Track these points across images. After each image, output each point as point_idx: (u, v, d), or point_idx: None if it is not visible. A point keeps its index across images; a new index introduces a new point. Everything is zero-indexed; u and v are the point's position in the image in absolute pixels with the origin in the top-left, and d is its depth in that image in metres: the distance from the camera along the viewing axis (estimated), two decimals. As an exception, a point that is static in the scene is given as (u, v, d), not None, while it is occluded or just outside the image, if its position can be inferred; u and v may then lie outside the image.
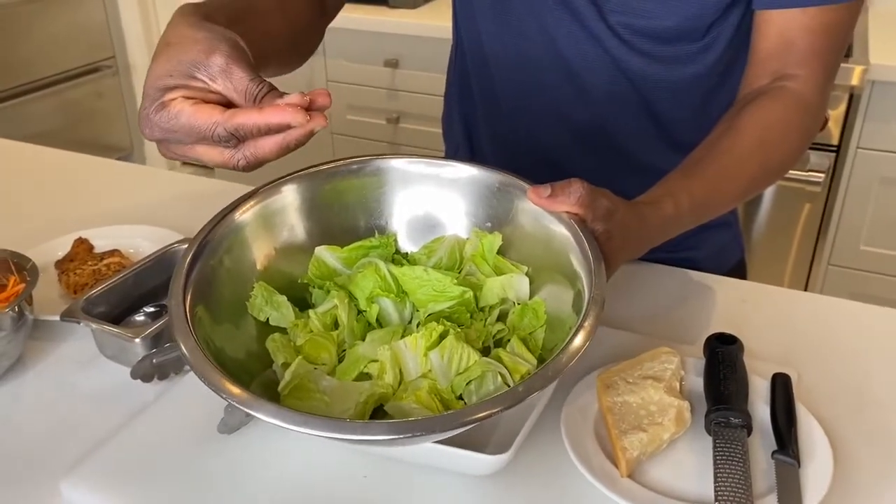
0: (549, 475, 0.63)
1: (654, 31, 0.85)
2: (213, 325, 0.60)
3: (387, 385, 0.60)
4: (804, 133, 0.82)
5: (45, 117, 2.77)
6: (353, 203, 0.72)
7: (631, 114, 0.91)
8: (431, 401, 0.59)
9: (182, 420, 0.69)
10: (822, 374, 0.75)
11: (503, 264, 0.69)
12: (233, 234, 0.66)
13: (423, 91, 2.37)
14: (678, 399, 0.66)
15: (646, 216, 0.68)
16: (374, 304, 0.66)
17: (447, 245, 0.71)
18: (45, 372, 0.77)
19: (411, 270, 0.67)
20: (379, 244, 0.71)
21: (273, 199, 0.68)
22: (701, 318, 0.84)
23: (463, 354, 0.60)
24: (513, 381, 0.60)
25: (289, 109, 0.56)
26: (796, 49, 0.79)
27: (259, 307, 0.65)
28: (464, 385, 0.60)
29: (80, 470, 0.63)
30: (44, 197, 1.14)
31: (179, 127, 0.57)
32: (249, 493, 0.62)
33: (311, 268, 0.70)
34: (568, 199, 0.63)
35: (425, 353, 0.61)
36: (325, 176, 0.71)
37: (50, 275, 0.88)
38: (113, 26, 3.00)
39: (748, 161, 0.77)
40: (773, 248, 2.16)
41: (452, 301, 0.66)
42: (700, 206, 0.74)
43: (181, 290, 0.59)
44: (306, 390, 0.59)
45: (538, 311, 0.65)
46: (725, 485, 0.59)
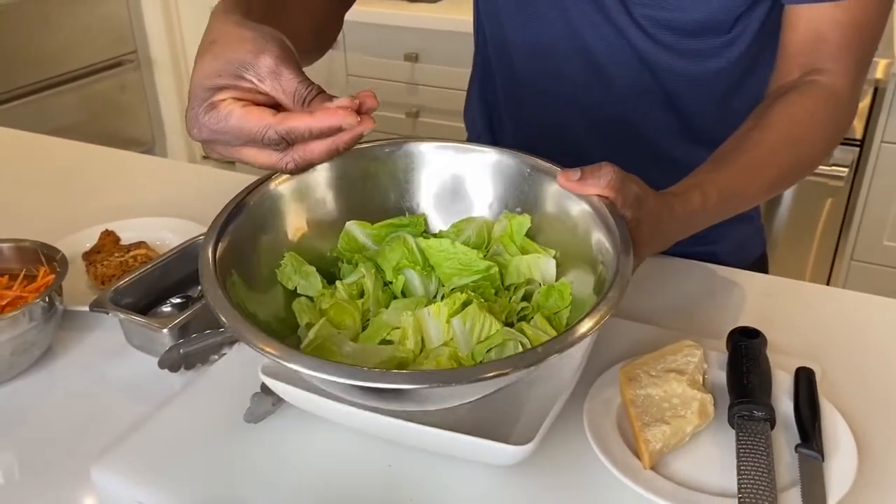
0: (571, 467, 0.63)
1: (679, 24, 0.84)
2: (246, 290, 0.61)
3: (408, 350, 0.61)
4: (835, 128, 0.81)
5: (69, 111, 2.80)
6: (384, 183, 0.73)
7: (653, 106, 0.91)
8: (451, 366, 0.59)
9: (208, 409, 0.70)
10: (847, 368, 0.74)
11: (531, 246, 0.69)
12: (266, 203, 0.66)
13: (443, 85, 2.38)
14: (701, 392, 0.66)
15: (674, 207, 0.68)
16: (401, 276, 0.67)
17: (476, 225, 0.71)
18: (75, 361, 0.78)
19: (438, 243, 0.68)
20: (409, 223, 0.71)
21: (307, 173, 0.68)
22: (724, 312, 0.84)
23: (485, 323, 0.61)
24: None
25: (340, 112, 0.56)
26: (827, 44, 0.78)
27: (288, 276, 0.66)
28: (484, 353, 0.60)
29: (110, 457, 0.64)
30: (70, 190, 1.15)
31: (229, 129, 0.57)
32: (274, 482, 0.62)
33: (341, 241, 0.71)
34: (598, 182, 0.63)
35: (448, 321, 0.61)
36: (358, 155, 0.71)
37: (77, 266, 0.89)
38: (135, 21, 3.03)
39: (778, 155, 0.76)
40: (796, 244, 2.14)
41: (478, 275, 0.66)
42: (728, 200, 0.73)
43: (212, 248, 0.59)
44: (328, 351, 0.60)
45: (564, 293, 0.65)
46: (748, 478, 0.59)
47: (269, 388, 0.65)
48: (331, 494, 0.61)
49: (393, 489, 0.62)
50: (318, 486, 0.62)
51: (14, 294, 0.78)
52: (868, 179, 1.99)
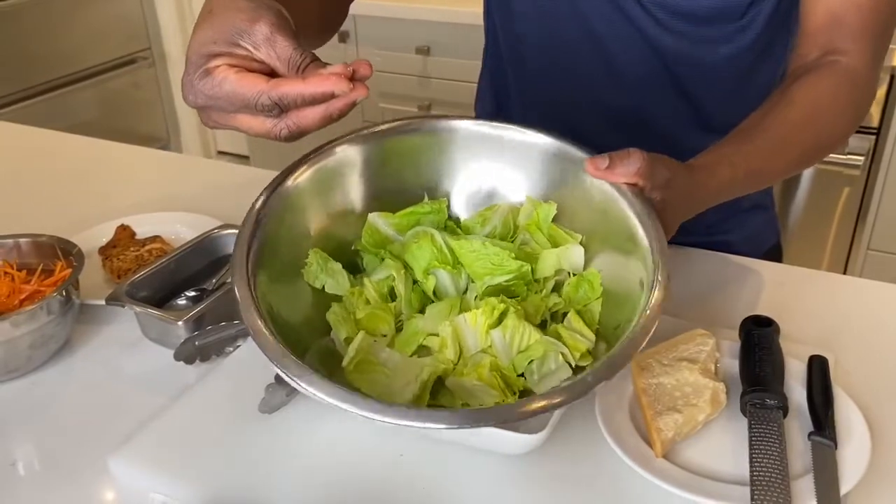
0: (583, 455, 0.63)
1: (689, 11, 0.84)
2: (273, 290, 0.61)
3: (447, 360, 0.61)
4: (855, 108, 0.81)
5: (84, 109, 2.82)
6: (406, 164, 0.72)
7: (666, 96, 0.91)
8: (493, 378, 0.59)
9: (224, 400, 0.70)
10: (860, 357, 0.74)
11: (557, 233, 0.68)
12: (289, 198, 0.66)
13: (454, 78, 2.37)
14: (713, 381, 0.66)
15: (702, 181, 0.68)
16: (431, 276, 0.67)
17: (501, 213, 0.70)
18: (92, 354, 0.79)
19: (469, 243, 0.67)
20: (430, 210, 0.71)
21: (327, 160, 0.68)
22: (737, 301, 0.83)
23: (524, 333, 0.61)
24: (573, 358, 0.61)
25: (332, 78, 0.56)
26: (846, 25, 0.78)
27: (315, 274, 0.66)
28: (525, 363, 0.61)
29: (127, 448, 0.65)
30: (86, 185, 1.16)
31: (223, 94, 0.57)
32: (289, 471, 0.63)
33: (365, 235, 0.70)
34: (627, 169, 0.63)
35: (486, 331, 0.61)
36: (379, 136, 0.70)
37: (94, 260, 0.90)
38: (149, 18, 3.05)
39: (800, 133, 0.76)
40: (812, 233, 2.13)
41: (510, 275, 0.66)
42: (754, 174, 0.73)
43: (244, 259, 0.59)
44: (369, 363, 0.60)
45: (594, 283, 0.65)
46: (761, 466, 0.59)
47: (283, 379, 0.66)
48: (344, 483, 0.62)
49: (405, 478, 0.62)
50: (331, 474, 0.63)
51: (32, 288, 0.79)
52: (885, 168, 1.97)
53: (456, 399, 0.60)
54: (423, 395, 0.59)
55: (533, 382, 0.61)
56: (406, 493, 0.61)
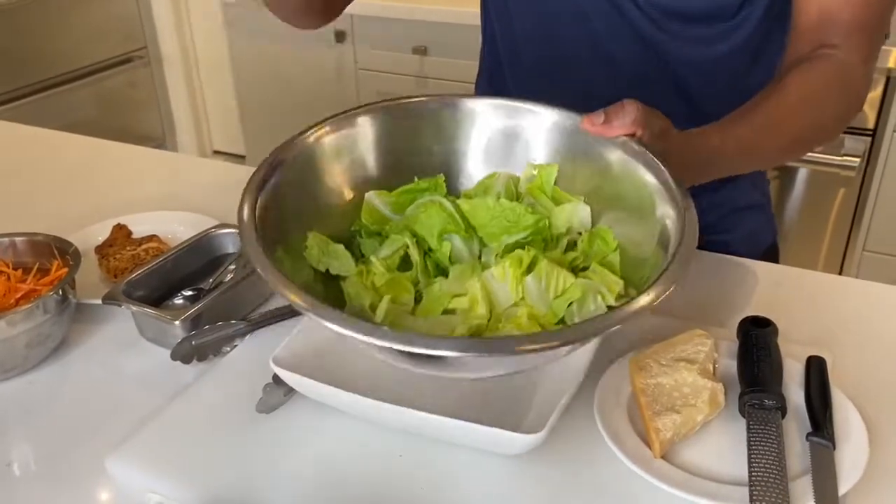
0: (582, 455, 0.63)
1: (683, 11, 0.84)
2: (291, 262, 0.60)
3: (481, 316, 0.59)
4: (847, 97, 0.81)
5: (80, 108, 2.82)
6: (409, 142, 0.71)
7: (663, 94, 0.91)
8: (532, 327, 0.58)
9: (221, 400, 0.70)
10: (858, 357, 0.74)
11: (560, 195, 0.68)
12: (298, 165, 0.65)
13: (451, 78, 2.37)
14: (712, 381, 0.66)
15: (693, 143, 0.68)
16: (446, 242, 0.65)
17: (502, 180, 0.70)
18: (88, 353, 0.79)
19: (482, 202, 0.66)
20: (427, 186, 0.70)
21: (340, 132, 0.68)
22: (735, 301, 0.83)
23: (559, 277, 0.60)
24: (611, 298, 0.60)
25: None
26: (838, 22, 0.79)
27: (317, 258, 0.64)
28: (565, 307, 0.60)
29: (124, 448, 0.65)
30: (82, 184, 1.16)
31: None
32: (287, 471, 0.63)
33: (364, 214, 0.69)
34: (623, 121, 0.63)
35: (518, 281, 0.60)
36: (393, 114, 0.70)
37: (90, 259, 0.90)
38: (145, 18, 3.04)
39: (793, 118, 0.77)
40: (808, 234, 2.13)
41: (528, 230, 0.65)
42: (745, 151, 0.74)
43: (252, 221, 0.58)
44: (398, 327, 0.59)
45: (607, 238, 0.65)
46: (759, 466, 0.59)
47: (280, 378, 0.66)
48: (343, 483, 0.62)
49: (404, 478, 0.62)
50: (329, 474, 0.63)
51: (28, 287, 0.78)
52: (880, 169, 1.97)
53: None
54: None
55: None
56: (405, 494, 0.61)
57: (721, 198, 0.97)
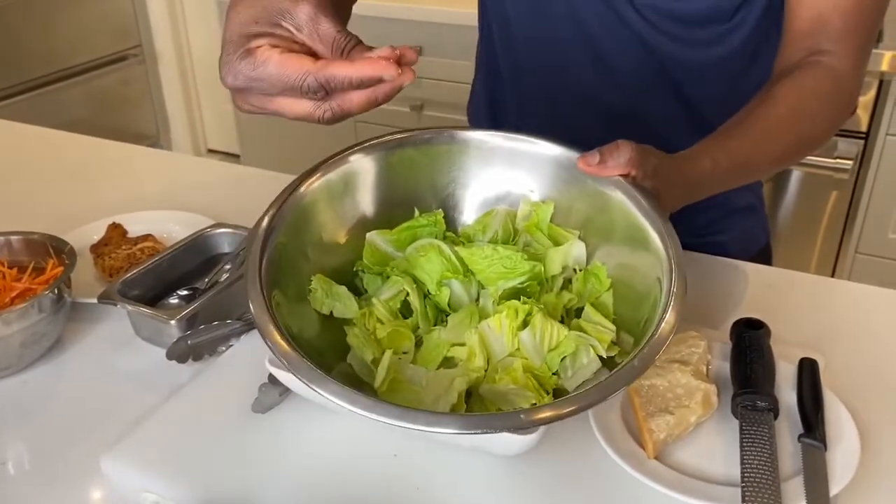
0: (576, 456, 0.64)
1: (680, 13, 0.85)
2: (289, 311, 0.60)
3: (478, 368, 0.61)
4: (838, 105, 0.82)
5: (74, 106, 2.81)
6: (410, 176, 0.72)
7: (660, 97, 0.91)
8: (527, 380, 0.59)
9: (217, 400, 0.70)
10: (850, 359, 0.75)
11: (556, 232, 0.69)
12: (297, 212, 0.65)
13: (447, 79, 2.37)
14: (705, 382, 0.66)
15: (685, 171, 0.69)
16: (445, 287, 0.67)
17: (500, 218, 0.71)
18: (83, 353, 0.79)
19: (479, 250, 0.67)
20: (427, 222, 0.71)
21: (335, 172, 0.68)
22: (728, 303, 0.84)
23: (552, 331, 0.61)
24: (602, 350, 0.61)
25: (381, 63, 0.55)
26: (830, 27, 0.79)
27: (321, 301, 0.65)
28: (558, 361, 0.61)
29: (119, 447, 0.65)
30: (78, 183, 1.16)
31: (266, 76, 0.56)
32: (282, 471, 0.63)
33: (366, 255, 0.70)
34: (617, 161, 0.64)
35: (514, 333, 0.61)
36: (393, 146, 0.71)
37: (85, 259, 0.90)
38: (139, 16, 3.03)
39: (784, 128, 0.77)
40: (800, 236, 2.14)
41: (524, 276, 0.66)
42: (737, 167, 0.74)
43: (257, 276, 0.58)
44: (399, 382, 0.60)
45: (600, 276, 0.66)
46: (752, 467, 0.59)
47: (276, 378, 0.66)
48: (337, 483, 0.62)
49: (399, 478, 0.62)
50: (325, 475, 0.63)
51: (23, 286, 0.78)
52: (873, 172, 1.98)
53: (490, 406, 0.60)
54: (459, 405, 0.59)
55: (566, 379, 0.61)
56: (400, 494, 0.61)
57: (715, 200, 0.97)
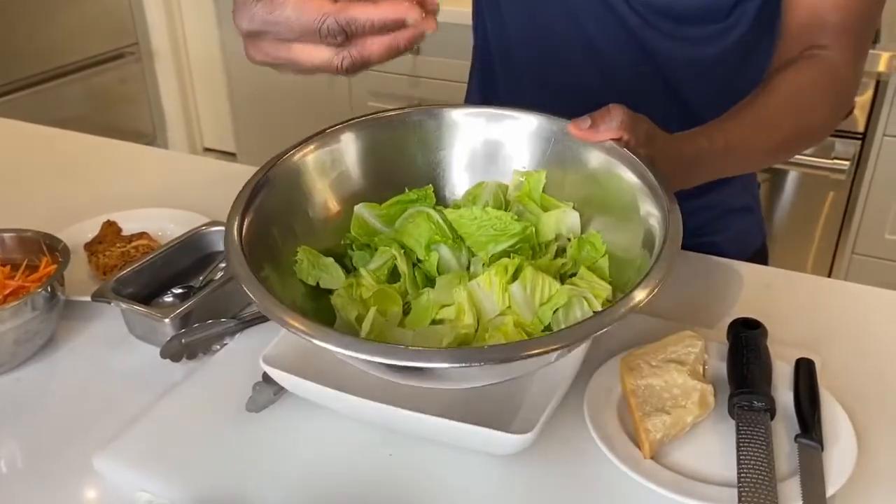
0: (572, 456, 0.63)
1: (675, 12, 0.85)
2: (280, 281, 0.60)
3: (468, 325, 0.59)
4: (835, 98, 0.82)
5: (70, 103, 2.80)
6: (399, 153, 0.71)
7: (656, 95, 0.91)
8: (518, 335, 0.58)
9: (211, 398, 0.70)
10: (847, 359, 0.75)
11: (550, 202, 0.68)
12: (282, 185, 0.65)
13: (444, 78, 2.37)
14: (702, 382, 0.66)
15: (681, 147, 0.68)
16: (434, 252, 0.65)
17: (490, 189, 0.70)
18: (77, 351, 0.79)
19: (468, 212, 0.66)
20: (417, 197, 0.70)
21: (324, 149, 0.68)
22: (725, 303, 0.84)
23: (544, 284, 0.60)
24: (598, 304, 0.60)
25: (405, 4, 0.53)
26: (827, 23, 0.79)
27: (307, 271, 0.64)
28: (550, 314, 0.60)
29: (112, 446, 0.65)
30: (72, 180, 1.15)
31: (283, 18, 0.53)
32: (276, 470, 0.63)
33: (353, 227, 0.69)
34: (609, 125, 0.63)
35: (504, 289, 0.60)
36: (377, 126, 0.70)
37: (79, 256, 0.89)
38: (136, 13, 3.03)
39: (781, 117, 0.77)
40: (797, 237, 2.14)
41: (515, 238, 0.65)
42: (733, 151, 0.74)
43: (237, 230, 0.58)
44: (385, 339, 0.59)
45: (595, 243, 0.65)
46: (748, 467, 0.59)
47: (270, 377, 0.65)
48: (332, 482, 0.62)
49: (394, 477, 0.62)
50: (319, 474, 0.62)
51: (16, 284, 0.78)
52: (870, 173, 1.98)
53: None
54: None
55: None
56: (394, 493, 0.61)
57: (711, 200, 0.98)
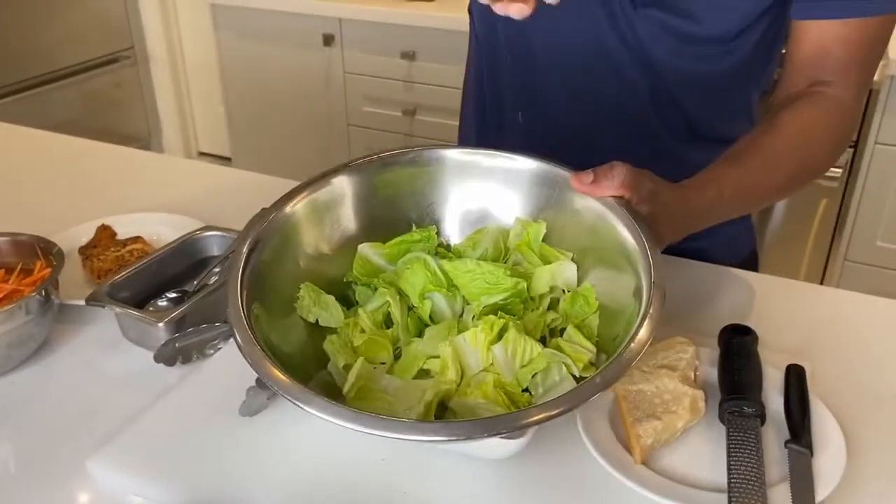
0: (563, 461, 0.64)
1: (683, 32, 0.85)
2: (270, 323, 0.61)
3: (450, 381, 0.61)
4: (840, 136, 0.84)
5: (65, 107, 2.80)
6: (395, 195, 0.72)
7: (659, 105, 0.92)
8: (497, 395, 0.59)
9: (204, 403, 0.70)
10: (837, 366, 0.75)
11: (549, 252, 0.69)
12: (282, 230, 0.66)
13: (439, 83, 2.38)
14: (692, 388, 0.66)
15: (689, 199, 0.69)
16: (427, 300, 0.67)
17: (491, 235, 0.71)
18: (71, 355, 0.79)
19: (462, 264, 0.67)
20: (420, 238, 0.71)
21: (320, 192, 0.69)
22: (716, 309, 0.84)
23: (526, 347, 0.61)
24: (576, 370, 0.61)
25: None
26: (833, 58, 0.80)
27: (307, 308, 0.65)
28: (529, 378, 0.61)
29: (106, 450, 0.65)
30: (67, 184, 1.15)
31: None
32: (269, 475, 0.63)
33: (356, 266, 0.70)
34: (611, 182, 0.64)
35: (488, 348, 0.61)
36: (377, 167, 0.72)
37: (74, 260, 0.89)
38: (132, 17, 3.03)
39: (788, 157, 0.78)
40: (790, 244, 2.15)
41: (506, 293, 0.66)
42: (741, 196, 0.75)
43: (238, 289, 0.59)
44: (370, 391, 0.60)
45: (589, 298, 0.66)
46: (738, 472, 0.59)
47: (264, 382, 0.66)
48: (325, 488, 0.62)
49: (386, 483, 0.62)
50: (312, 479, 0.63)
51: (10, 287, 0.78)
52: (862, 180, 2.00)
53: (460, 419, 0.60)
54: (427, 417, 0.59)
55: (538, 396, 0.61)
56: (387, 498, 0.61)
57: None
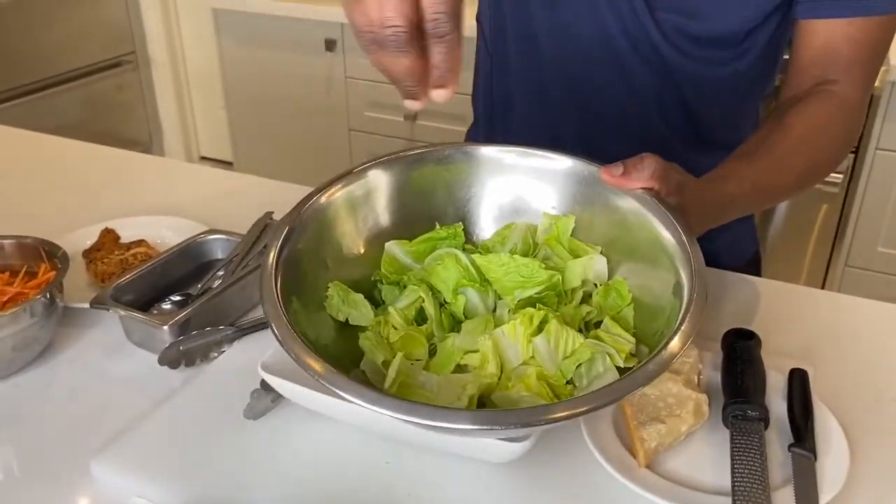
0: (567, 464, 0.64)
1: (694, 33, 0.85)
2: (308, 318, 0.60)
3: (491, 375, 0.60)
4: (847, 134, 0.84)
5: (67, 111, 2.80)
6: (431, 190, 0.72)
7: (668, 106, 0.92)
8: (541, 387, 0.59)
9: (208, 405, 0.70)
10: (840, 370, 0.75)
11: (578, 246, 0.69)
12: (318, 220, 0.65)
13: (441, 88, 2.38)
14: (696, 392, 0.66)
15: (713, 191, 0.69)
16: (461, 296, 0.66)
17: (519, 231, 0.71)
18: (75, 358, 0.79)
19: (496, 258, 0.66)
20: (447, 235, 0.70)
21: (355, 185, 0.68)
22: (719, 313, 0.84)
23: (568, 338, 0.61)
24: (620, 360, 0.60)
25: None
26: (839, 57, 0.81)
27: (337, 307, 0.65)
28: (573, 369, 0.60)
29: (110, 452, 0.65)
30: (71, 188, 1.16)
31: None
32: (273, 478, 0.63)
33: (384, 264, 0.69)
34: (641, 174, 0.64)
35: (528, 340, 0.61)
36: (412, 161, 0.71)
37: (78, 264, 0.90)
38: (134, 22, 3.04)
39: (797, 156, 0.79)
40: (790, 250, 2.15)
41: (541, 286, 0.65)
42: (758, 192, 0.75)
43: (272, 282, 0.58)
44: (410, 387, 0.60)
45: (621, 291, 0.65)
46: (742, 476, 0.60)
47: (268, 384, 0.66)
48: (329, 490, 0.62)
49: (391, 485, 0.62)
50: (316, 481, 0.63)
51: (15, 290, 0.78)
52: (863, 186, 2.00)
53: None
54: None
55: (581, 387, 0.60)
56: (391, 501, 0.61)
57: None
